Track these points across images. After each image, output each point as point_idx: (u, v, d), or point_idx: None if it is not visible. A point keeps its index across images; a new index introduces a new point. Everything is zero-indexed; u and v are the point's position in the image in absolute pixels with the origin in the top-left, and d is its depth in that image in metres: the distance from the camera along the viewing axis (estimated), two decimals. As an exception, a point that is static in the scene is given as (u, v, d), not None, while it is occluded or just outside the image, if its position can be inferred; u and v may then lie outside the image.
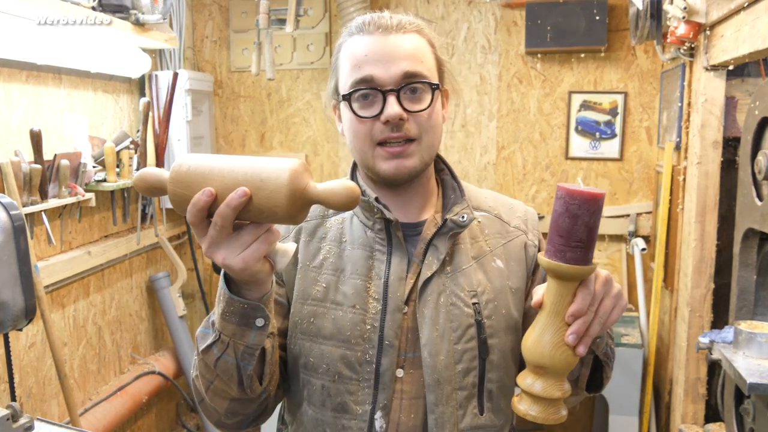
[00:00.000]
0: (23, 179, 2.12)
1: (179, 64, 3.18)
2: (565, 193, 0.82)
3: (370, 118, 1.02)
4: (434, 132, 1.05)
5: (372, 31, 1.03)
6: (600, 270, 0.87)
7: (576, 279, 0.84)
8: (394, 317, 1.03)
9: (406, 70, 1.01)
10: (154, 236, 3.02)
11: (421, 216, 1.11)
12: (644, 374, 2.72)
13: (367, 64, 1.01)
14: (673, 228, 2.61)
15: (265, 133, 3.49)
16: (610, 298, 0.86)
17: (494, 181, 3.28)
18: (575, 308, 0.84)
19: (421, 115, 1.02)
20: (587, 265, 0.83)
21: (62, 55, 2.33)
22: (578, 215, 0.81)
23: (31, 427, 1.43)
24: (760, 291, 1.80)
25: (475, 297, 1.05)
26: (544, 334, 0.85)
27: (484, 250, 1.10)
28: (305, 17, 3.14)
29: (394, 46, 1.02)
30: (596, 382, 1.07)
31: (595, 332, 0.85)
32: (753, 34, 1.72)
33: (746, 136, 1.76)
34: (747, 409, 1.65)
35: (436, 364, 1.02)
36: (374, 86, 1.01)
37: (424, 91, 1.03)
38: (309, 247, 1.10)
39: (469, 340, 1.04)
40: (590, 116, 3.15)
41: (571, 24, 2.94)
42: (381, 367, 1.02)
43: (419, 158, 1.03)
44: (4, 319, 1.57)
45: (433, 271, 1.04)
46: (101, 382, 2.75)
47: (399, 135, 1.01)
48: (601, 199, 0.82)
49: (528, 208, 1.19)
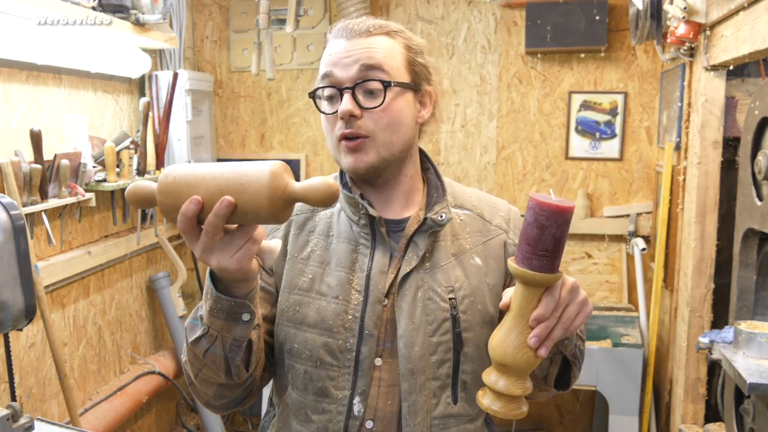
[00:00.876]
0: (23, 179, 2.12)
1: (179, 64, 3.18)
2: (535, 203, 0.86)
3: (331, 114, 1.09)
4: (392, 129, 1.08)
5: (341, 35, 1.10)
6: (567, 278, 0.91)
7: (541, 285, 0.88)
8: (374, 308, 1.08)
9: (361, 70, 1.06)
10: (154, 236, 3.02)
11: (404, 213, 1.15)
12: (644, 374, 2.72)
13: (330, 64, 1.09)
14: (673, 228, 2.61)
15: (265, 133, 3.49)
16: (575, 304, 0.91)
17: (494, 181, 3.29)
18: (539, 313, 0.88)
19: (375, 112, 1.07)
20: (553, 273, 0.88)
21: (62, 55, 2.33)
22: (546, 226, 0.85)
23: (31, 427, 1.43)
24: (760, 291, 1.80)
25: (452, 292, 1.10)
26: (508, 335, 0.90)
27: (464, 248, 1.15)
28: (305, 17, 3.14)
29: (355, 47, 1.08)
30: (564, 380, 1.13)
31: (558, 336, 0.89)
32: (753, 34, 1.72)
33: (746, 136, 1.76)
34: (747, 409, 1.65)
35: (410, 354, 1.07)
36: (333, 84, 1.08)
37: (379, 89, 1.07)
38: (298, 240, 1.15)
39: (444, 333, 1.09)
40: (590, 116, 3.15)
41: (571, 24, 2.94)
42: (360, 355, 1.08)
43: (375, 154, 1.08)
44: (4, 319, 1.57)
45: (412, 267, 1.10)
46: (101, 382, 2.75)
47: (350, 131, 1.06)
48: (568, 212, 0.86)
49: (512, 208, 1.24)
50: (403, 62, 1.10)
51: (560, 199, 0.87)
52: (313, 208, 1.17)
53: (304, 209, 1.18)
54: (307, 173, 3.46)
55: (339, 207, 1.16)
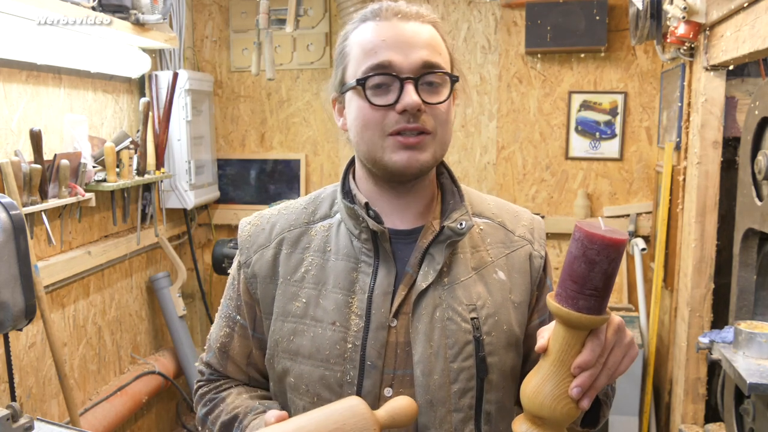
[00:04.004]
0: (23, 179, 2.12)
1: (179, 64, 3.18)
2: (583, 235, 0.75)
3: (384, 106, 0.93)
4: (447, 127, 0.97)
5: (389, 17, 0.96)
6: (613, 316, 0.80)
7: (587, 329, 0.78)
8: (377, 335, 0.95)
9: (426, 60, 0.94)
10: (154, 236, 3.02)
11: (417, 222, 1.02)
12: (644, 374, 2.72)
13: (384, 49, 0.93)
14: (673, 228, 2.61)
15: (265, 133, 3.49)
16: (621, 348, 0.80)
17: (494, 182, 3.29)
18: (583, 359, 0.77)
19: (438, 108, 0.95)
20: (601, 314, 0.77)
21: (62, 55, 2.33)
22: (596, 261, 0.74)
23: (31, 427, 1.43)
24: (760, 291, 1.80)
25: (474, 311, 0.97)
26: (546, 383, 0.79)
27: (485, 261, 1.02)
28: (305, 17, 3.14)
29: (413, 33, 0.95)
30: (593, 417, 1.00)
31: (602, 385, 0.78)
32: (753, 34, 1.72)
33: (746, 136, 1.76)
34: (747, 409, 1.65)
35: (429, 383, 0.94)
36: (391, 72, 0.93)
37: (443, 84, 0.96)
38: (290, 260, 1.02)
39: (466, 358, 0.96)
40: (590, 116, 3.15)
41: (571, 24, 2.94)
42: (363, 389, 0.95)
43: (432, 153, 0.95)
44: (4, 319, 1.57)
45: (428, 283, 0.97)
46: (101, 382, 2.75)
47: (414, 126, 0.93)
48: (623, 246, 0.74)
49: (535, 217, 1.11)
50: (449, 56, 1.00)
51: (611, 229, 0.75)
52: (309, 219, 1.05)
53: (298, 222, 1.05)
54: (307, 173, 3.46)
55: (339, 218, 1.03)
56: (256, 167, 3.50)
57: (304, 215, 1.06)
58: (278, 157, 3.47)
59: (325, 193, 1.09)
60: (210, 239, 3.57)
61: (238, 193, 3.53)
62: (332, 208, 1.05)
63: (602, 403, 0.99)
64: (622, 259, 0.76)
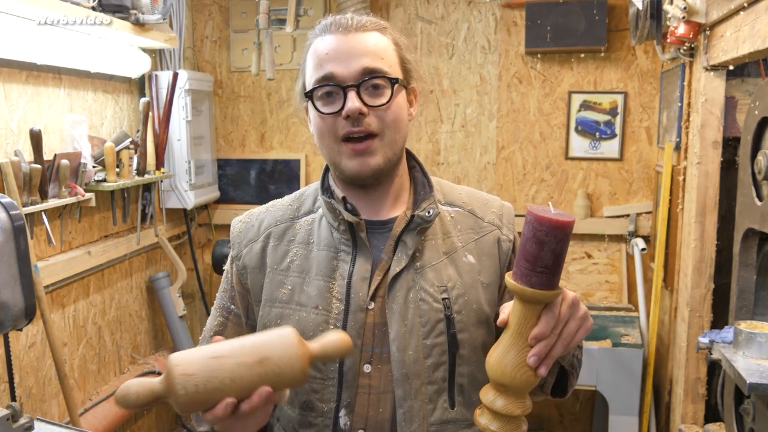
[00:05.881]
0: (23, 179, 2.12)
1: (179, 64, 3.18)
2: (533, 218, 0.82)
3: (332, 114, 1.03)
4: (396, 127, 1.06)
5: (334, 30, 1.05)
6: (568, 292, 0.88)
7: (540, 303, 0.85)
8: (356, 317, 1.05)
9: (365, 66, 1.02)
10: (154, 236, 3.02)
11: (391, 213, 1.12)
12: (644, 374, 2.72)
13: (328, 62, 1.03)
14: (673, 228, 2.61)
15: (265, 133, 3.49)
16: (575, 320, 0.87)
17: (494, 181, 3.29)
18: (538, 331, 0.85)
19: (382, 110, 1.03)
20: (552, 289, 0.84)
21: (62, 55, 2.33)
22: (545, 242, 0.81)
23: (31, 427, 1.43)
24: (760, 291, 1.80)
25: (445, 292, 1.07)
26: (507, 354, 0.87)
27: (455, 246, 1.11)
28: (305, 17, 3.14)
29: (353, 43, 1.04)
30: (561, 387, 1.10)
31: (558, 353, 0.86)
32: (753, 34, 1.72)
33: (746, 136, 1.76)
34: (747, 409, 1.65)
35: (404, 358, 1.04)
36: (335, 83, 1.03)
37: (385, 87, 1.04)
38: (277, 251, 1.12)
39: (438, 335, 1.05)
40: (590, 116, 3.15)
41: (571, 24, 2.94)
42: (344, 366, 1.04)
43: (382, 155, 1.05)
44: (4, 319, 1.57)
45: (401, 267, 1.06)
46: (101, 382, 2.75)
47: (360, 129, 1.02)
48: (569, 227, 0.82)
49: (505, 204, 1.20)
50: (397, 59, 1.08)
51: (560, 212, 0.83)
52: (294, 215, 1.16)
53: (284, 218, 1.16)
54: (307, 173, 3.46)
55: (321, 213, 1.13)
56: (256, 167, 3.50)
57: (289, 211, 1.17)
58: (278, 157, 3.47)
59: (308, 190, 1.20)
60: (210, 239, 3.57)
61: (238, 193, 3.53)
62: (315, 204, 1.16)
63: (568, 374, 1.08)
64: (570, 240, 0.84)
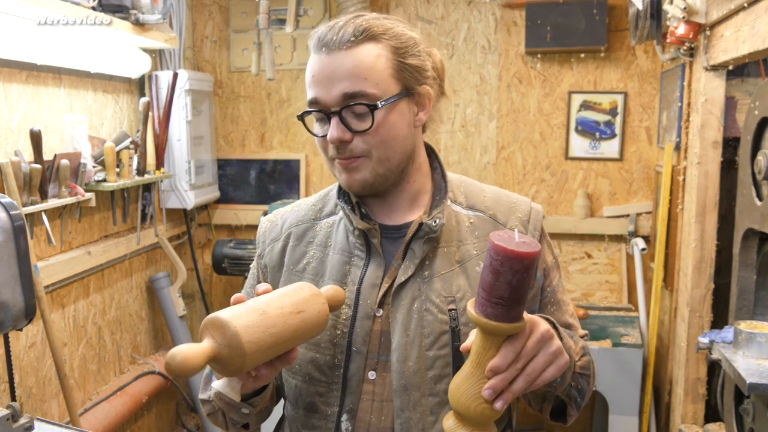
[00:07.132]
0: (23, 179, 2.12)
1: (179, 64, 3.18)
2: (491, 245, 0.79)
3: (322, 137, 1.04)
4: (386, 146, 1.02)
5: (319, 50, 1.02)
6: (541, 324, 0.84)
7: (496, 335, 0.81)
8: (363, 324, 1.04)
9: (344, 92, 0.99)
10: (154, 236, 3.02)
11: (407, 217, 1.09)
12: (644, 374, 2.72)
13: (314, 85, 1.02)
14: (673, 228, 2.61)
15: (265, 133, 3.49)
16: (544, 356, 0.83)
17: (494, 182, 3.28)
18: (495, 363, 0.81)
19: (366, 134, 1.00)
20: (510, 323, 0.80)
21: (62, 55, 2.33)
22: (500, 272, 0.78)
23: (31, 427, 1.43)
24: (760, 291, 1.80)
25: (453, 303, 1.03)
26: (464, 382, 0.83)
27: (470, 254, 1.07)
28: (305, 17, 3.14)
29: (336, 65, 1.00)
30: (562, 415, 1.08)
31: (520, 389, 0.82)
32: (753, 34, 1.72)
33: (746, 136, 1.76)
34: (747, 409, 1.65)
35: (403, 369, 1.02)
36: (320, 108, 1.02)
37: (366, 113, 1.00)
38: (295, 252, 1.13)
39: (441, 347, 1.02)
40: (590, 116, 3.15)
41: (571, 24, 2.94)
42: (348, 371, 1.04)
43: (370, 171, 1.03)
44: (4, 319, 1.57)
45: (408, 276, 1.04)
46: (101, 382, 2.75)
47: (343, 156, 1.02)
48: (527, 259, 0.77)
49: (534, 206, 1.15)
50: (391, 70, 1.01)
51: (524, 241, 0.78)
52: (316, 216, 1.15)
53: (306, 218, 1.15)
54: (307, 173, 3.46)
55: (341, 215, 1.12)
56: (256, 167, 3.50)
57: (312, 212, 1.16)
58: (278, 157, 3.47)
59: (333, 190, 1.17)
60: (210, 239, 3.56)
61: (238, 193, 3.53)
62: (337, 206, 1.14)
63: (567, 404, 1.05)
64: (532, 272, 0.79)
